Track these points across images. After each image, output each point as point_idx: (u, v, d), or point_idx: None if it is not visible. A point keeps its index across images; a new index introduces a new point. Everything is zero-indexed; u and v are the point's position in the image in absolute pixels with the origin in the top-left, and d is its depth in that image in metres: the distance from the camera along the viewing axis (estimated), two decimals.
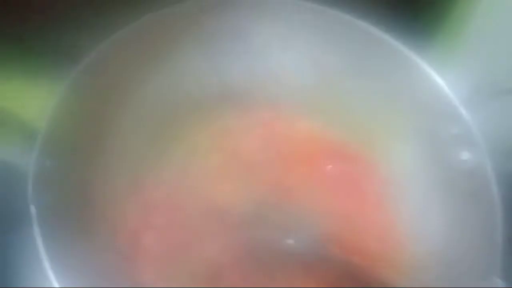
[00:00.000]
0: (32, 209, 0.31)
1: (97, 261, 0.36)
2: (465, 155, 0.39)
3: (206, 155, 0.46)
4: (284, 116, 0.52)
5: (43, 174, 0.33)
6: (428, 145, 0.43)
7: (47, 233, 0.31)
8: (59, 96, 0.36)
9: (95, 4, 0.47)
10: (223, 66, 0.49)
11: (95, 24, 0.45)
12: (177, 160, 0.45)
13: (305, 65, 0.49)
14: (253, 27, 0.47)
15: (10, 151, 0.37)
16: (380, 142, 0.48)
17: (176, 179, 0.43)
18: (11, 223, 0.32)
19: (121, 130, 0.42)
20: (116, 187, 0.41)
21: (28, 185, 0.32)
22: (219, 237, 0.41)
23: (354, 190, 0.48)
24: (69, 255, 0.33)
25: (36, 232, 0.31)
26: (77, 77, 0.38)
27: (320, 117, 0.51)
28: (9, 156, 0.37)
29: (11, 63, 0.47)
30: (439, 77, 0.41)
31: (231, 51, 0.48)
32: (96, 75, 0.39)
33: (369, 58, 0.46)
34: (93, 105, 0.39)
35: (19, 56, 0.47)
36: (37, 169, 0.33)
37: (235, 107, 0.49)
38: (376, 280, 0.41)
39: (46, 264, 0.30)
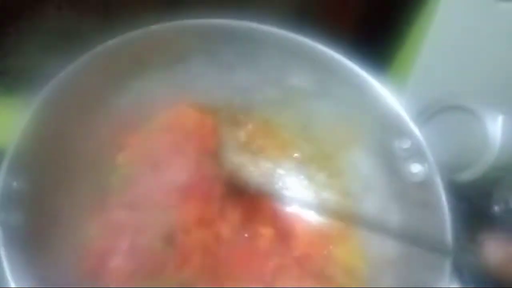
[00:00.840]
0: None
1: (63, 282, 0.36)
2: (416, 168, 0.42)
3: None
4: (248, 133, 0.54)
5: (9, 195, 0.33)
6: (383, 159, 0.46)
7: (13, 254, 0.31)
8: (25, 118, 0.37)
9: (63, 27, 0.48)
10: (190, 84, 0.50)
11: (63, 46, 0.46)
12: (140, 179, 0.45)
13: (270, 85, 0.51)
14: (221, 50, 0.49)
15: None
16: (339, 156, 0.51)
17: (139, 199, 0.44)
18: None
19: (86, 152, 0.43)
20: (82, 209, 0.41)
21: None
22: (182, 258, 0.42)
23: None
24: (35, 276, 0.33)
25: (2, 253, 0.31)
26: (43, 101, 0.38)
27: (282, 133, 0.54)
28: None
29: None
30: (392, 98, 0.44)
31: (201, 70, 0.50)
32: (61, 97, 0.40)
33: (329, 80, 0.48)
34: (58, 128, 0.40)
35: None
36: (3, 190, 0.33)
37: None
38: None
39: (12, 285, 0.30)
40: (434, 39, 0.50)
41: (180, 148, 0.48)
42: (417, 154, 0.42)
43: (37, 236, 0.35)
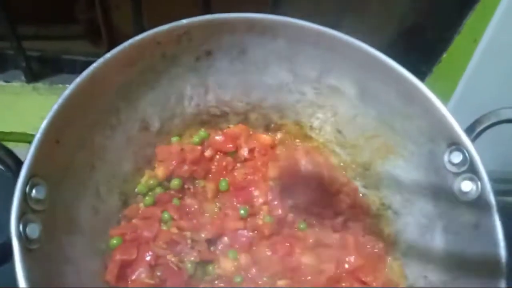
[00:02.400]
0: (14, 242, 0.29)
1: None
2: (467, 186, 0.38)
3: None
4: (278, 137, 0.51)
5: (27, 205, 0.31)
6: (428, 172, 0.42)
7: (30, 269, 0.29)
8: (50, 113, 0.34)
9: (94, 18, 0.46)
10: (220, 81, 0.47)
11: (94, 38, 0.44)
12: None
13: (305, 85, 0.48)
14: (254, 46, 0.45)
15: None
16: (378, 165, 0.47)
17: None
18: None
19: (110, 154, 0.40)
20: (103, 217, 0.39)
21: (11, 214, 0.30)
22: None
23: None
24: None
25: (18, 269, 0.28)
26: (69, 95, 0.35)
27: (316, 137, 0.50)
28: None
29: None
30: (442, 105, 0.40)
31: (232, 67, 0.47)
32: (87, 93, 0.37)
33: (373, 82, 0.44)
34: (81, 126, 0.38)
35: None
36: (21, 199, 0.30)
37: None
38: None
39: None
40: (490, 44, 0.45)
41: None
42: (469, 170, 0.38)
43: (56, 247, 0.33)
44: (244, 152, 0.47)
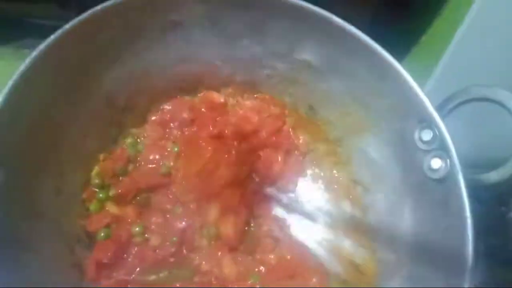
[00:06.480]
0: None
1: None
2: (436, 163, 0.38)
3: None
4: (252, 116, 0.50)
5: None
6: (398, 149, 0.42)
7: None
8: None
9: None
10: (189, 54, 0.45)
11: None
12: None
13: (276, 59, 0.46)
14: (225, 18, 0.43)
15: None
16: (348, 141, 0.47)
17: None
18: None
19: (71, 134, 0.38)
20: (69, 196, 0.37)
21: None
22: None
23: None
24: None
25: None
26: (23, 74, 0.33)
27: (292, 115, 0.49)
28: None
29: None
30: (414, 82, 0.39)
31: (201, 39, 0.44)
32: (41, 72, 0.35)
33: (346, 56, 0.42)
34: (39, 107, 0.35)
35: None
36: None
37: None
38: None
39: None
40: (471, 25, 0.45)
41: None
42: (439, 148, 0.38)
43: (13, 234, 0.31)
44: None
